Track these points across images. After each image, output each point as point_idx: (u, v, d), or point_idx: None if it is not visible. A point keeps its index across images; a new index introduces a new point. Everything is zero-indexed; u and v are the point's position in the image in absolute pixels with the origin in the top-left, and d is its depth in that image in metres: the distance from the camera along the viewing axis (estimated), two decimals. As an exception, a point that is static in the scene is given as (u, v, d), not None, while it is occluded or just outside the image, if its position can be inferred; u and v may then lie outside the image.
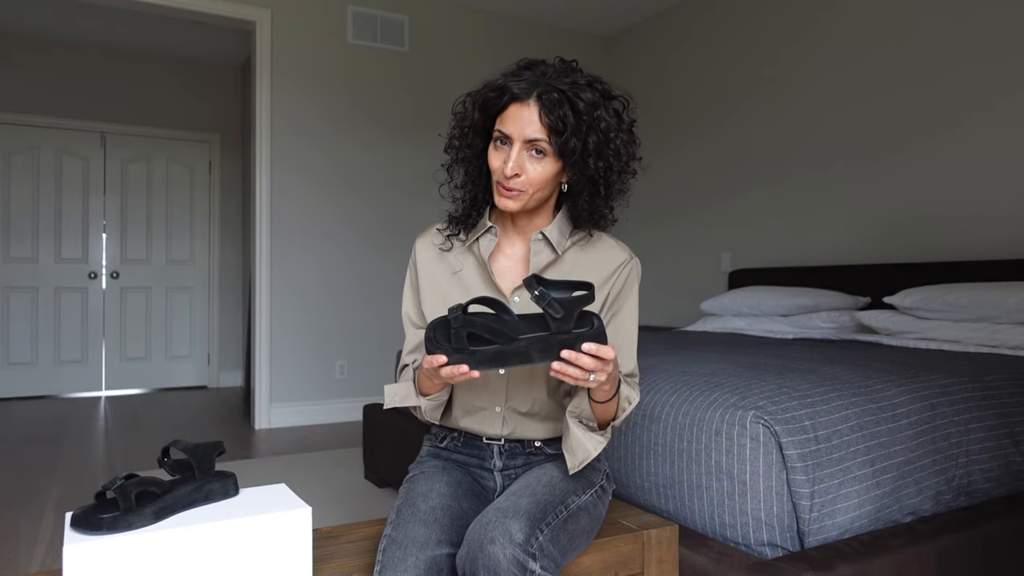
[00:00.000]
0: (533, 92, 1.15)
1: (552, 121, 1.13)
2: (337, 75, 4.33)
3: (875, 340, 2.70)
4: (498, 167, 1.19)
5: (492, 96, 1.19)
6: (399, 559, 1.08)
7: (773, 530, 1.40)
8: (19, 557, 2.16)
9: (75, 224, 5.40)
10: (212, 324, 5.88)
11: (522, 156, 1.16)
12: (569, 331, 1.02)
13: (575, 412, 1.20)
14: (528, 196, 1.19)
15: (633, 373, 1.29)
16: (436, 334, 1.06)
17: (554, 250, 1.26)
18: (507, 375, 1.27)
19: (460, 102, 1.27)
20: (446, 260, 1.32)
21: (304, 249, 4.24)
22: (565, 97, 1.14)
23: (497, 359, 1.03)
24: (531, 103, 1.15)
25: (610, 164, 1.19)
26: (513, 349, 1.03)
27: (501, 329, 1.04)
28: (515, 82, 1.16)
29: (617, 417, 1.21)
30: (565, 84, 1.15)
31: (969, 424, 1.71)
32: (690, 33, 4.60)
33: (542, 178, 1.18)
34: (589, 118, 1.15)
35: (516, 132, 1.16)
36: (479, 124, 1.23)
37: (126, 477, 1.07)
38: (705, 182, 4.47)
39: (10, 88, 5.16)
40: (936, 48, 3.20)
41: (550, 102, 1.13)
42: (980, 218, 3.04)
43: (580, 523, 1.18)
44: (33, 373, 5.29)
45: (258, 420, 4.12)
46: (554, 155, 1.17)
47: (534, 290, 1.00)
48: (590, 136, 1.16)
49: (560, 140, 1.15)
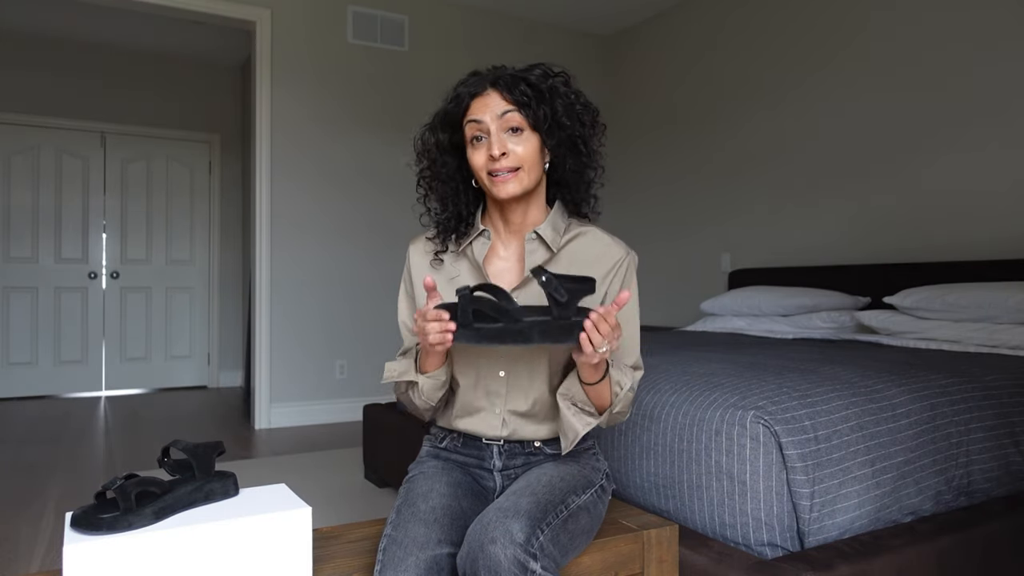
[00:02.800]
0: (487, 83, 1.23)
1: (516, 96, 1.20)
2: (337, 75, 4.33)
3: (875, 340, 2.70)
4: (483, 160, 1.22)
5: (451, 107, 1.26)
6: (399, 558, 1.08)
7: (773, 530, 1.40)
8: (19, 557, 2.16)
9: (75, 224, 5.40)
10: (212, 324, 5.88)
11: (502, 138, 1.21)
12: (569, 318, 1.06)
13: (566, 394, 1.22)
14: (525, 173, 1.22)
15: (638, 365, 1.30)
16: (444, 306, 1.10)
17: (549, 248, 1.27)
18: (507, 377, 1.27)
19: (418, 138, 1.33)
20: (441, 267, 1.33)
21: (304, 249, 4.24)
22: (518, 76, 1.22)
23: (499, 336, 1.07)
24: (490, 91, 1.22)
25: (582, 120, 1.26)
26: (516, 328, 1.07)
27: (507, 310, 1.08)
28: (466, 87, 1.24)
29: (613, 404, 1.21)
30: (512, 70, 1.24)
31: (969, 424, 1.71)
32: (690, 33, 4.60)
33: (528, 152, 1.22)
34: (545, 87, 1.23)
35: (488, 116, 1.21)
36: (446, 142, 1.28)
37: (126, 477, 1.06)
38: (705, 182, 4.47)
39: (10, 88, 5.16)
40: (936, 49, 3.20)
41: (506, 83, 1.21)
42: (980, 218, 3.04)
43: (580, 522, 1.18)
44: (33, 373, 5.29)
45: (258, 420, 4.12)
46: (530, 127, 1.22)
47: (541, 275, 1.04)
48: (555, 101, 1.22)
49: (530, 111, 1.20)
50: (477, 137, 1.22)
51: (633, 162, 5.05)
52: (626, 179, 5.13)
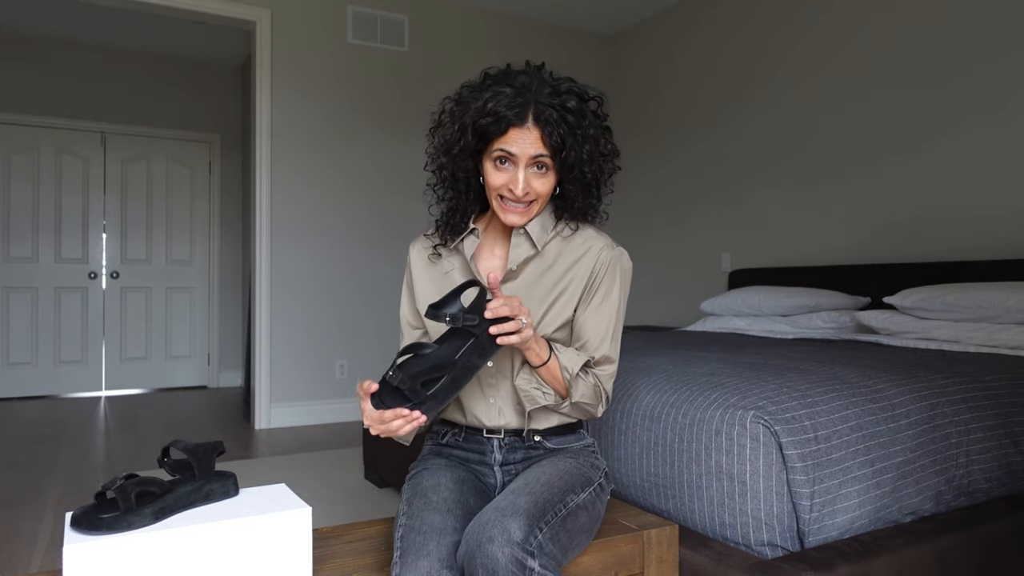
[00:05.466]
0: (528, 115, 1.20)
1: (554, 141, 1.21)
2: (337, 75, 4.33)
3: (875, 340, 2.69)
4: (502, 184, 1.24)
5: (488, 122, 1.21)
6: (420, 544, 1.08)
7: (773, 530, 1.40)
8: (19, 557, 2.16)
9: (75, 224, 5.40)
10: (212, 324, 5.88)
11: (528, 176, 1.23)
12: (486, 327, 1.13)
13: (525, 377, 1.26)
14: (537, 206, 1.26)
15: (607, 359, 1.31)
16: (390, 401, 1.12)
17: (534, 245, 1.30)
18: (495, 366, 1.30)
19: (444, 119, 1.29)
20: (438, 263, 1.38)
21: (304, 249, 4.24)
22: (558, 114, 1.21)
23: (454, 385, 1.13)
24: (530, 126, 1.21)
25: (601, 167, 1.29)
26: (460, 369, 1.13)
27: (439, 360, 1.13)
28: (507, 107, 1.19)
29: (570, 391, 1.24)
30: (553, 99, 1.21)
31: (969, 424, 1.71)
32: (690, 33, 4.60)
33: (547, 191, 1.26)
34: (581, 130, 1.23)
35: (520, 153, 1.21)
36: (471, 147, 1.26)
37: (126, 477, 1.06)
38: (705, 182, 4.47)
39: (10, 88, 5.16)
40: (937, 49, 3.20)
41: (547, 123, 1.20)
42: (980, 218, 3.04)
43: (579, 521, 1.19)
44: (33, 373, 5.29)
45: (258, 420, 4.12)
46: (555, 169, 1.24)
47: (444, 319, 1.11)
48: (584, 146, 1.24)
49: (561, 157, 1.22)
50: (502, 159, 1.23)
51: (633, 162, 5.05)
52: (626, 179, 5.13)
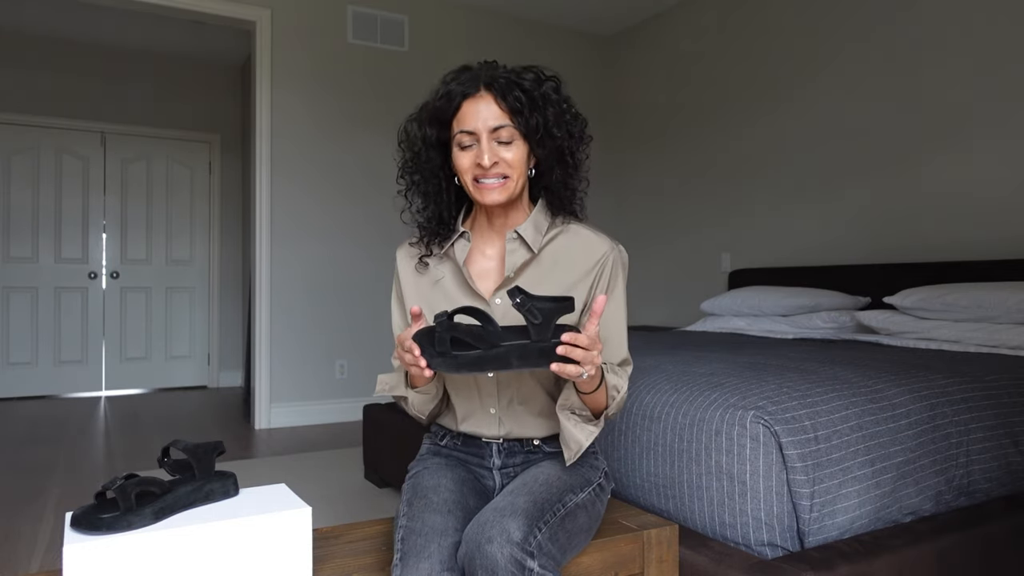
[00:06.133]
0: (480, 84, 1.19)
1: (510, 103, 1.17)
2: (337, 75, 4.33)
3: (875, 340, 2.69)
4: (469, 166, 1.20)
5: (441, 104, 1.21)
6: (421, 546, 1.07)
7: (773, 530, 1.40)
8: (19, 557, 2.16)
9: (75, 224, 5.40)
10: (212, 324, 5.88)
11: (493, 147, 1.18)
12: (547, 340, 1.04)
13: (565, 405, 1.20)
14: (513, 182, 1.21)
15: (627, 361, 1.29)
16: (421, 339, 1.08)
17: (530, 249, 1.26)
18: (496, 377, 1.27)
19: (402, 129, 1.29)
20: (427, 270, 1.32)
21: (304, 249, 4.24)
22: (511, 81, 1.19)
23: (478, 363, 1.06)
24: (483, 94, 1.19)
25: (570, 131, 1.24)
26: (494, 354, 1.05)
27: (484, 335, 1.06)
28: (459, 84, 1.20)
29: (609, 407, 1.21)
30: (505, 72, 1.20)
31: (969, 424, 1.71)
32: (690, 33, 4.60)
33: (517, 159, 1.20)
34: (538, 94, 1.20)
35: (480, 124, 1.18)
36: (433, 138, 1.24)
37: (126, 477, 1.06)
38: (705, 182, 4.47)
39: (10, 88, 5.16)
40: (937, 49, 3.20)
41: (501, 87, 1.18)
42: (980, 218, 3.04)
43: (579, 521, 1.18)
44: (33, 373, 5.29)
45: (258, 420, 4.12)
46: (521, 136, 1.20)
47: (515, 297, 1.03)
48: (547, 109, 1.20)
49: (523, 120, 1.18)
50: (465, 142, 1.20)
51: (633, 162, 5.05)
52: (626, 179, 5.13)
